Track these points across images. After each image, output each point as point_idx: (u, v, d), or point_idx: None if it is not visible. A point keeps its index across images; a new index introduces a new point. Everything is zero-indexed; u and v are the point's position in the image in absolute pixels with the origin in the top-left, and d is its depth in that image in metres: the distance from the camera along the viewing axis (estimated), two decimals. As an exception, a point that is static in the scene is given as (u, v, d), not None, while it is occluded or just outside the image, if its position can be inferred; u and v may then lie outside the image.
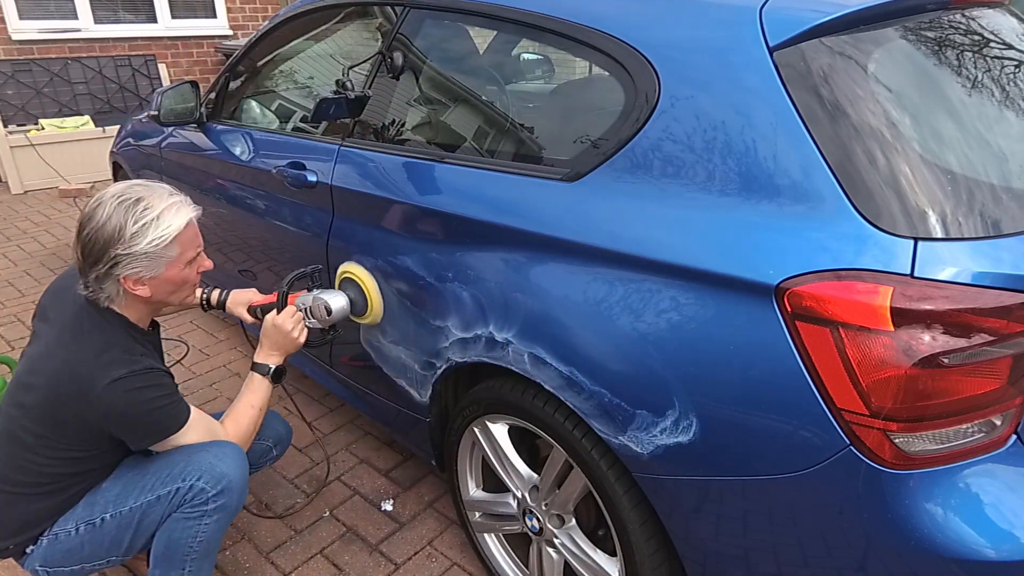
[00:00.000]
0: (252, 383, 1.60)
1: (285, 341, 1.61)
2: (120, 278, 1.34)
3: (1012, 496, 0.99)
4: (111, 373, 1.31)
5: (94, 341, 1.35)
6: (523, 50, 2.21)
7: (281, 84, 2.42)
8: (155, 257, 1.34)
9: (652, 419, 1.14)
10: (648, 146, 1.19)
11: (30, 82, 5.37)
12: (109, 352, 1.35)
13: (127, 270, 1.33)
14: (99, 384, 1.30)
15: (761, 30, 1.11)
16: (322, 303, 1.64)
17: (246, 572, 1.81)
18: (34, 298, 3.38)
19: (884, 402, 0.94)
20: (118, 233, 1.31)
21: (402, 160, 1.62)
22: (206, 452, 1.43)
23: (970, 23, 1.25)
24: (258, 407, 1.58)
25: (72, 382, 1.32)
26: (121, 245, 1.30)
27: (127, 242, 1.30)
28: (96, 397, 1.30)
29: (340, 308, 1.67)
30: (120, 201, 1.32)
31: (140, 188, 1.36)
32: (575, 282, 1.24)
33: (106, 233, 1.31)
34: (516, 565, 1.71)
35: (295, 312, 1.64)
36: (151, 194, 1.35)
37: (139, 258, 1.32)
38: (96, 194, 1.37)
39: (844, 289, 0.95)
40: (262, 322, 1.69)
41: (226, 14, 6.52)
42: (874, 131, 1.03)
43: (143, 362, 1.37)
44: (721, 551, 1.16)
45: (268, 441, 1.77)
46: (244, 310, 1.84)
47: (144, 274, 1.35)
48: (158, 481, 1.41)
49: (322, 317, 1.65)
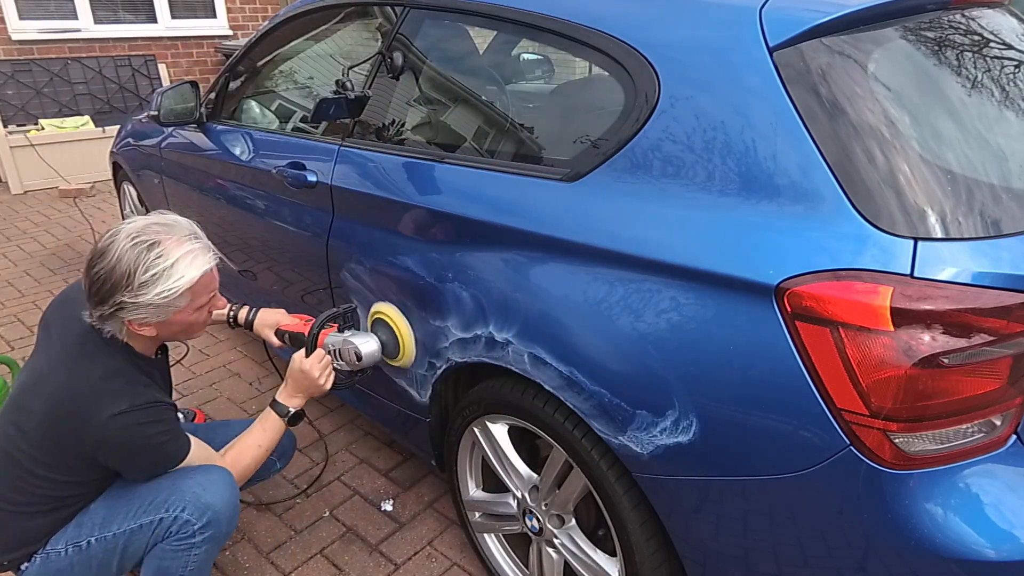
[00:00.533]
0: (267, 422, 1.54)
1: (310, 386, 1.55)
2: (126, 319, 1.29)
3: (1012, 496, 0.99)
4: (112, 406, 1.27)
5: (96, 369, 1.31)
6: (523, 50, 2.21)
7: (281, 84, 2.42)
8: (163, 307, 1.28)
9: (652, 419, 1.14)
10: (648, 146, 1.19)
11: (30, 82, 5.37)
12: (111, 382, 1.31)
13: (132, 315, 1.27)
14: (99, 417, 1.26)
15: (761, 30, 1.11)
16: (352, 348, 1.58)
17: (246, 572, 1.81)
18: (34, 298, 3.38)
19: (884, 402, 0.94)
20: (126, 280, 1.24)
21: (402, 160, 1.62)
22: (192, 480, 1.38)
23: (970, 23, 1.25)
24: (265, 448, 1.53)
25: (71, 411, 1.28)
26: (128, 292, 1.24)
27: (135, 290, 1.24)
28: (95, 429, 1.27)
29: (371, 353, 1.60)
30: (134, 243, 1.25)
31: (158, 229, 1.28)
32: (575, 282, 1.24)
33: (115, 276, 1.24)
34: (516, 565, 1.71)
35: (324, 356, 1.57)
36: (168, 238, 1.28)
37: (145, 307, 1.26)
38: (113, 227, 1.30)
39: (844, 289, 0.95)
40: (289, 346, 1.65)
41: (226, 14, 6.52)
42: (874, 131, 1.03)
43: (146, 395, 1.33)
44: (721, 551, 1.16)
45: (272, 455, 1.72)
46: (271, 332, 1.77)
47: (151, 320, 1.30)
48: (142, 508, 1.37)
49: (351, 361, 1.59)
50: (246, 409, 2.52)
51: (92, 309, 1.29)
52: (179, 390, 2.63)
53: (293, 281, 2.08)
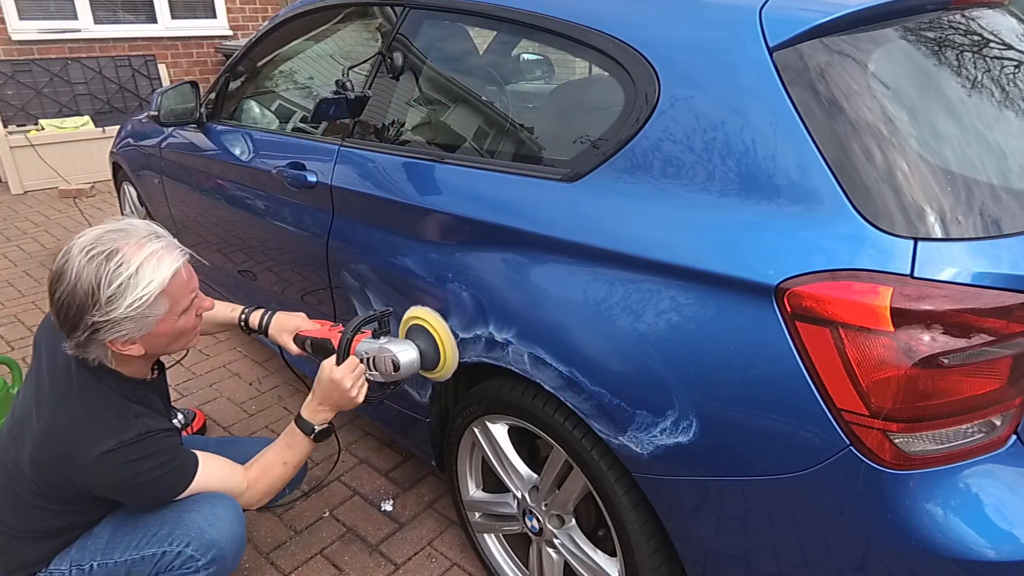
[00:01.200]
0: (292, 439, 1.44)
1: (340, 398, 1.41)
2: (106, 342, 1.19)
3: (1012, 496, 0.99)
4: (101, 445, 1.20)
5: (82, 404, 1.24)
6: (523, 50, 2.21)
7: (281, 84, 2.42)
8: (140, 319, 1.17)
9: (652, 419, 1.14)
10: (648, 146, 1.19)
11: (30, 82, 5.37)
12: (98, 418, 1.24)
13: (111, 335, 1.17)
14: (86, 458, 1.20)
15: (761, 30, 1.11)
16: (389, 355, 1.41)
17: (246, 572, 1.81)
18: (34, 298, 3.38)
19: (884, 402, 0.94)
20: (91, 298, 1.13)
21: (402, 160, 1.62)
22: (198, 514, 1.33)
23: (970, 23, 1.25)
24: (292, 465, 1.44)
25: (57, 453, 1.22)
26: (98, 311, 1.13)
27: (103, 307, 1.13)
28: (83, 470, 1.21)
29: (410, 362, 1.43)
30: (89, 257, 1.14)
31: (113, 236, 1.17)
32: (575, 282, 1.24)
33: (78, 298, 1.14)
34: (516, 565, 1.71)
35: (357, 365, 1.42)
36: (126, 243, 1.17)
37: (121, 323, 1.15)
38: (64, 246, 1.18)
39: (844, 289, 0.95)
40: (310, 354, 1.53)
41: (226, 14, 6.52)
42: (874, 131, 1.03)
43: (137, 427, 1.25)
44: (721, 551, 1.16)
45: None
46: (290, 338, 1.62)
47: (133, 335, 1.20)
48: (145, 539, 1.33)
49: (387, 372, 1.43)
50: (246, 409, 2.52)
51: (68, 338, 1.20)
52: (179, 390, 2.63)
53: (293, 281, 2.08)
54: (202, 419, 2.38)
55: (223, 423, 2.44)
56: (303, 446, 1.44)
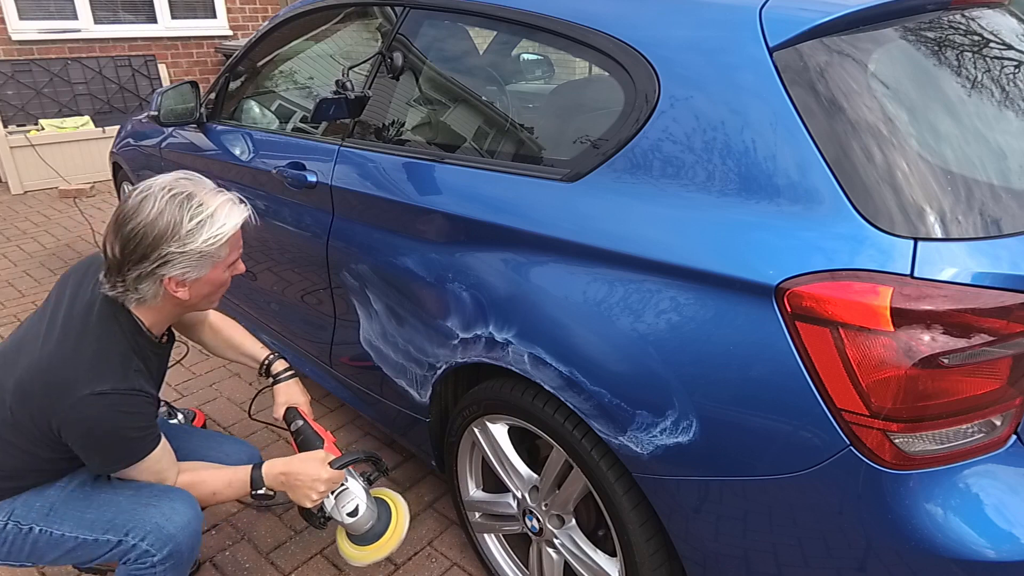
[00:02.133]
0: (235, 479, 1.41)
1: (302, 488, 1.40)
2: (164, 278, 1.25)
3: (1012, 496, 0.99)
4: (94, 384, 1.22)
5: (91, 342, 1.26)
6: (523, 50, 2.21)
7: (281, 84, 2.42)
8: (207, 257, 1.25)
9: (652, 419, 1.14)
10: (648, 146, 1.19)
11: (30, 82, 5.37)
12: (101, 360, 1.25)
13: (175, 270, 1.24)
14: (76, 394, 1.21)
15: (761, 30, 1.11)
16: (359, 501, 1.45)
17: (246, 572, 1.81)
18: (34, 298, 3.38)
19: (884, 402, 0.94)
20: (172, 229, 1.21)
21: (402, 160, 1.62)
22: (155, 508, 1.34)
23: (970, 23, 1.25)
24: (218, 499, 1.43)
25: (48, 381, 1.23)
26: (176, 242, 1.21)
27: (183, 239, 1.21)
28: (68, 406, 1.21)
29: (364, 519, 1.45)
30: (172, 195, 1.23)
31: (189, 183, 1.27)
32: (575, 282, 1.24)
33: (158, 229, 1.20)
34: (516, 565, 1.71)
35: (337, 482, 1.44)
36: (202, 190, 1.27)
37: (192, 257, 1.23)
38: (138, 185, 1.27)
39: (844, 289, 0.95)
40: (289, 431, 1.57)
41: (226, 14, 6.52)
42: (874, 131, 1.03)
43: (132, 380, 1.27)
44: (721, 551, 1.16)
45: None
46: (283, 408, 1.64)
47: (191, 275, 1.26)
48: (99, 523, 1.33)
49: (342, 507, 1.44)
50: (246, 409, 2.52)
51: (124, 272, 1.24)
52: (179, 390, 2.63)
53: (293, 281, 2.08)
54: (202, 419, 2.38)
55: (223, 423, 2.44)
56: (238, 492, 1.42)
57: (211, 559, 1.84)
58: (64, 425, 1.24)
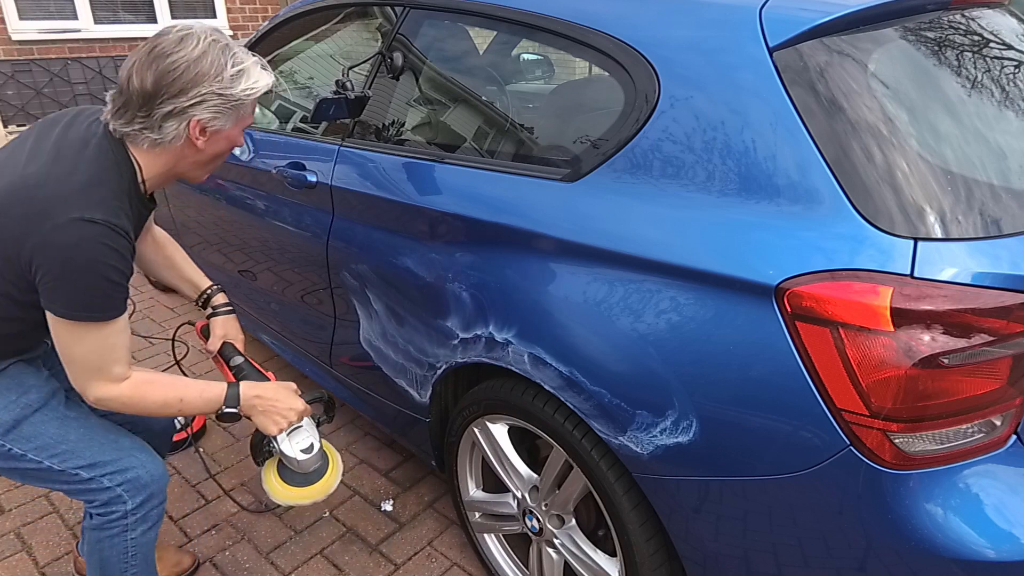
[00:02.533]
0: (208, 391, 1.33)
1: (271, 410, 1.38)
2: (193, 120, 1.19)
3: (1012, 496, 0.99)
4: (83, 210, 1.11)
5: (87, 170, 1.16)
6: (523, 50, 2.21)
7: (281, 84, 2.42)
8: (238, 107, 1.23)
9: (652, 419, 1.14)
10: (648, 146, 1.19)
11: (30, 82, 5.37)
12: (97, 188, 1.15)
13: (208, 112, 1.19)
14: (61, 216, 1.10)
15: (761, 30, 1.11)
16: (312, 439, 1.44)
17: (246, 572, 1.81)
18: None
19: (884, 402, 0.94)
20: (215, 71, 1.18)
21: (402, 160, 1.62)
22: (134, 458, 1.32)
23: (970, 23, 1.25)
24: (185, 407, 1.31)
25: (32, 197, 1.12)
26: (217, 83, 1.18)
27: (224, 82, 1.18)
28: (50, 229, 1.09)
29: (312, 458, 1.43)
30: (214, 40, 1.20)
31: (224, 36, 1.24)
32: (575, 282, 1.24)
33: (202, 67, 1.17)
34: (516, 565, 1.71)
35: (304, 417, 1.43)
36: (236, 46, 1.24)
37: (228, 102, 1.20)
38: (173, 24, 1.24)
39: (844, 289, 0.95)
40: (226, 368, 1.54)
41: (226, 14, 6.52)
42: (874, 132, 1.03)
43: (123, 221, 1.17)
44: (721, 551, 1.16)
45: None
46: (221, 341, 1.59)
47: (217, 123, 1.22)
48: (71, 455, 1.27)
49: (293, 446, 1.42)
50: (246, 409, 2.52)
51: (153, 107, 1.17)
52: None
53: (293, 281, 2.08)
54: (202, 419, 2.38)
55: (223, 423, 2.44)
56: (207, 404, 1.33)
57: (211, 559, 1.84)
58: (41, 249, 1.11)
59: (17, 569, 1.79)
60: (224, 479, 2.16)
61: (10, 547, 1.86)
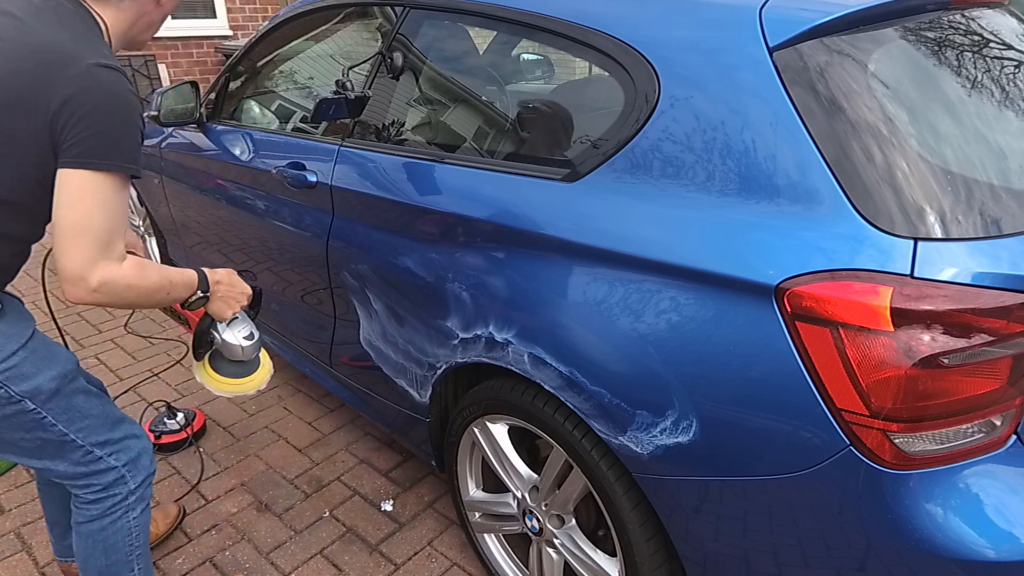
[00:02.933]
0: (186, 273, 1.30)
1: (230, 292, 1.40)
2: None
3: (1012, 496, 0.99)
4: (94, 56, 1.08)
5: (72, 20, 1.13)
6: (523, 50, 2.21)
7: (281, 84, 2.42)
8: None
9: (652, 419, 1.14)
10: (648, 146, 1.19)
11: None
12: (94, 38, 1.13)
13: None
14: (83, 60, 1.06)
15: (761, 30, 1.11)
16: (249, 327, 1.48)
17: (246, 572, 1.81)
18: (34, 298, 3.38)
19: (884, 402, 0.94)
20: None
21: (402, 160, 1.62)
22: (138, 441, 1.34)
23: (970, 23, 1.25)
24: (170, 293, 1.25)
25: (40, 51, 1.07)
26: None
27: None
28: (75, 73, 1.05)
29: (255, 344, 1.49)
30: None
31: None
32: (575, 282, 1.24)
33: None
34: (516, 565, 1.71)
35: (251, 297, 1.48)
36: None
37: None
38: None
39: (844, 289, 0.95)
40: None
41: (226, 14, 6.53)
42: (874, 132, 1.03)
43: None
44: (721, 551, 1.16)
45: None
46: None
47: None
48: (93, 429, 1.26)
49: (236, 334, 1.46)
50: (246, 409, 2.52)
51: None
52: (179, 390, 2.63)
53: (293, 281, 2.08)
54: (202, 419, 2.38)
55: (223, 423, 2.44)
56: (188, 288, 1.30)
57: (211, 559, 1.84)
58: (74, 95, 1.05)
59: (17, 569, 1.79)
60: (224, 479, 2.16)
61: (10, 547, 1.86)
